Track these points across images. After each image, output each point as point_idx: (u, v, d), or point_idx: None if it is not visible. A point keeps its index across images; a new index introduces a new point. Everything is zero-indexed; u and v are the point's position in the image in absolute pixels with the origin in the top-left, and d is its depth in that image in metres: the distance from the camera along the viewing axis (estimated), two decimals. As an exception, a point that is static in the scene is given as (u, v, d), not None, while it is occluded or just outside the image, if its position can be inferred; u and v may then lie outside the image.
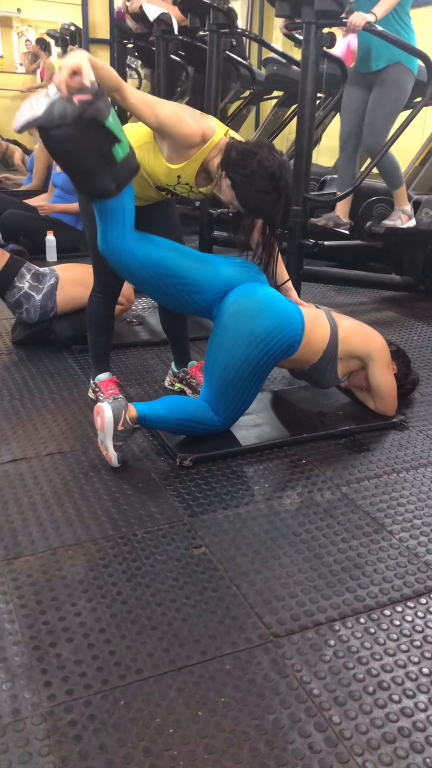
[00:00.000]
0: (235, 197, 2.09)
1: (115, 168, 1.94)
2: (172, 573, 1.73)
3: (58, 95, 1.80)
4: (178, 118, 2.06)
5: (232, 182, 2.07)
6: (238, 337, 2.18)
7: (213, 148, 2.13)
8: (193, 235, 4.53)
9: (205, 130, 2.11)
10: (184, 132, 2.07)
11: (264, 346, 2.19)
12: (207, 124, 2.13)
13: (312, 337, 2.33)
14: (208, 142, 2.12)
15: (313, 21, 3.13)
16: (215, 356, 2.23)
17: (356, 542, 1.88)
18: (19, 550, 1.80)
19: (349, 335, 2.43)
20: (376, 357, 2.46)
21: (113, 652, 1.48)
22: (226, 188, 2.11)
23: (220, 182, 2.12)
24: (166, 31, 4.52)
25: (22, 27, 12.44)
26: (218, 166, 2.11)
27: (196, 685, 1.40)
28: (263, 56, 7.27)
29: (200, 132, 2.09)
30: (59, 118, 1.78)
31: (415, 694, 1.41)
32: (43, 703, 1.35)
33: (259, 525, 1.94)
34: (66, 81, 1.78)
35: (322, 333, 2.37)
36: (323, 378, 2.48)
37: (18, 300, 3.13)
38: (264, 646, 1.51)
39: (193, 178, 2.20)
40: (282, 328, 2.21)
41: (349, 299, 4.21)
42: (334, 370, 2.44)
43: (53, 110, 1.78)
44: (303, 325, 2.28)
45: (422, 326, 3.71)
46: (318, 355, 2.37)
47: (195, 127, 2.08)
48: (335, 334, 2.39)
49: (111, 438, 2.11)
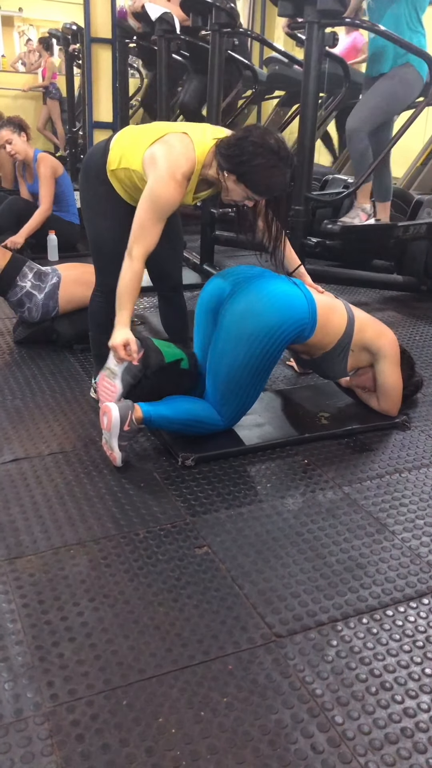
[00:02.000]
0: (246, 188, 2.07)
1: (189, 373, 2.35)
2: (175, 573, 1.73)
3: (120, 369, 2.19)
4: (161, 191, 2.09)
5: (236, 176, 2.06)
6: (240, 336, 2.18)
7: (203, 165, 2.14)
8: (194, 235, 4.54)
9: (185, 171, 2.11)
10: (178, 195, 2.12)
11: (267, 343, 2.18)
12: (186, 159, 2.10)
13: (328, 325, 2.33)
14: (194, 173, 2.13)
15: (315, 20, 3.14)
16: (218, 356, 2.23)
17: (358, 542, 1.88)
18: (22, 549, 1.79)
19: (364, 327, 2.43)
20: (388, 353, 2.46)
21: (115, 651, 1.48)
22: (233, 186, 2.09)
23: (225, 185, 2.11)
24: (168, 30, 4.52)
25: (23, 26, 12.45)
26: (216, 171, 2.10)
27: (198, 685, 1.40)
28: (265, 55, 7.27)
29: (182, 179, 2.10)
30: (134, 380, 2.21)
31: (418, 694, 1.41)
32: (45, 703, 1.35)
33: (262, 525, 1.94)
34: (124, 355, 2.13)
35: (338, 321, 2.37)
36: (332, 367, 2.47)
37: (20, 299, 3.13)
38: (266, 646, 1.51)
39: (191, 196, 2.23)
40: (284, 323, 2.20)
41: (351, 299, 4.20)
42: (344, 361, 2.43)
43: (127, 380, 2.20)
44: (312, 310, 2.26)
45: (424, 326, 3.70)
46: (332, 344, 2.37)
47: (178, 181, 2.09)
48: (351, 324, 2.39)
49: (116, 438, 2.11)
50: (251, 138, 2.02)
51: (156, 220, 2.13)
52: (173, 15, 4.47)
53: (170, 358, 2.26)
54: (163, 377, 2.25)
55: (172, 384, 2.31)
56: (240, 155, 2.02)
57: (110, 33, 4.96)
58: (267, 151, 2.01)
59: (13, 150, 4.42)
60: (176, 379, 2.31)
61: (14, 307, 3.21)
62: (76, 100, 7.26)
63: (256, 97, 5.56)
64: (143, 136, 2.19)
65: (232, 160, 2.04)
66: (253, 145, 2.01)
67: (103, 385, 2.23)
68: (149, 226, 2.13)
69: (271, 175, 2.05)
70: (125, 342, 2.12)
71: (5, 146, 4.42)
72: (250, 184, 2.06)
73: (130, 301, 2.17)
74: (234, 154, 2.03)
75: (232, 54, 4.27)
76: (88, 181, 2.38)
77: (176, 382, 2.32)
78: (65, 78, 7.35)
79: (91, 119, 5.06)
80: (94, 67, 5.01)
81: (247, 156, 2.01)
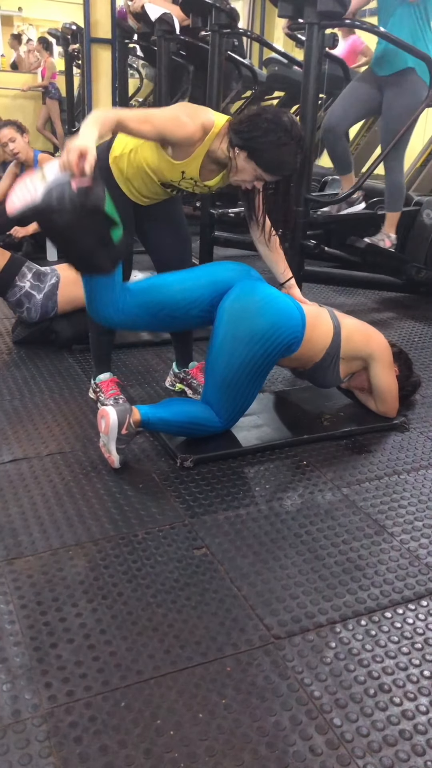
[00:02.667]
0: (256, 166, 2.06)
1: (112, 249, 1.95)
2: (173, 574, 1.73)
3: (55, 181, 1.79)
4: (175, 122, 2.06)
5: (248, 152, 2.05)
6: (237, 337, 2.18)
7: (215, 137, 2.12)
8: (194, 236, 4.52)
9: (205, 123, 2.09)
10: (184, 133, 2.07)
11: (263, 345, 2.18)
12: (206, 117, 2.11)
13: (314, 336, 2.33)
14: (209, 134, 2.11)
15: (315, 21, 3.13)
16: (215, 357, 2.22)
17: (357, 544, 1.88)
18: (20, 550, 1.79)
19: (352, 334, 2.43)
20: (379, 357, 2.46)
21: (114, 653, 1.47)
22: (243, 163, 2.08)
23: (235, 162, 2.09)
24: (167, 30, 4.51)
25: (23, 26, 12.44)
26: (228, 147, 2.09)
27: (196, 687, 1.40)
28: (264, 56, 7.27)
29: (200, 128, 2.08)
30: (58, 203, 1.77)
31: (417, 696, 1.41)
32: (43, 705, 1.35)
33: (260, 526, 1.94)
34: (74, 163, 1.77)
35: (324, 331, 2.37)
36: (325, 377, 2.47)
37: (19, 299, 3.13)
38: (265, 648, 1.51)
39: (197, 172, 2.19)
40: (280, 327, 2.20)
41: (349, 300, 4.21)
42: (337, 369, 2.43)
43: (52, 196, 1.77)
44: (303, 323, 2.28)
45: (423, 327, 3.70)
46: (320, 354, 2.37)
47: (193, 126, 2.07)
48: (338, 333, 2.39)
49: (114, 441, 2.11)
50: (265, 115, 2.03)
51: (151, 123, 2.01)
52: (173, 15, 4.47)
53: (110, 212, 1.90)
54: (85, 225, 1.85)
55: (88, 241, 1.91)
56: (252, 131, 2.02)
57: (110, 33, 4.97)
58: (279, 128, 2.01)
59: (15, 149, 4.42)
60: (95, 241, 1.92)
61: (13, 308, 3.21)
62: (75, 100, 7.27)
63: (255, 98, 5.56)
64: None
65: (243, 135, 2.04)
66: (267, 121, 2.01)
67: (24, 181, 1.85)
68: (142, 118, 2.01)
69: (283, 153, 2.04)
70: (84, 149, 1.77)
71: (7, 144, 4.41)
72: (260, 161, 2.05)
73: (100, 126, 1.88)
74: (246, 130, 2.03)
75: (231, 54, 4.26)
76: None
77: (93, 244, 1.93)
78: (65, 78, 7.35)
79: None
80: (93, 67, 5.02)
81: (259, 132, 2.01)
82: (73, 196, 1.77)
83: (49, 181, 1.77)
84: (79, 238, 1.88)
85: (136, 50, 6.51)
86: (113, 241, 1.94)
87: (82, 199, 1.78)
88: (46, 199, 1.77)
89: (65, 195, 1.77)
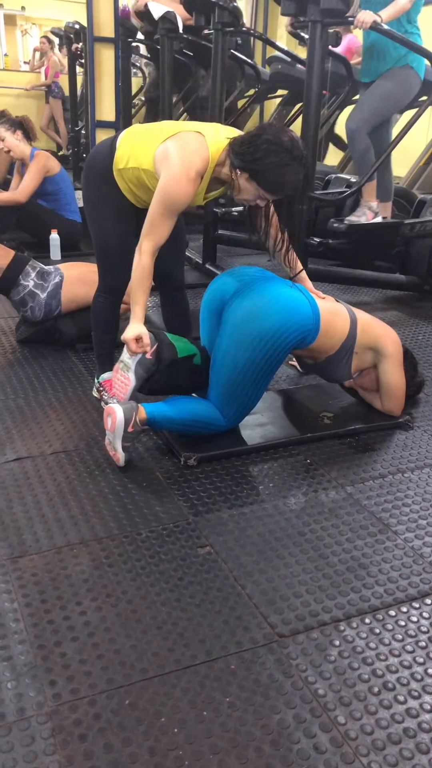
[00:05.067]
0: (258, 187, 2.07)
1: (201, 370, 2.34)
2: (177, 572, 1.73)
3: (133, 363, 2.19)
4: (174, 189, 2.09)
5: (249, 174, 2.05)
6: (244, 337, 2.18)
7: (216, 163, 2.13)
8: (197, 234, 4.54)
9: (199, 168, 2.10)
10: (187, 193, 2.11)
11: (270, 345, 2.18)
12: (200, 157, 2.10)
13: (332, 329, 2.33)
14: (208, 167, 2.12)
15: (318, 19, 3.13)
16: (222, 357, 2.22)
17: (361, 542, 1.88)
18: (24, 548, 1.80)
19: (368, 328, 2.43)
20: (391, 353, 2.45)
21: (118, 651, 1.48)
22: (245, 184, 2.08)
23: (237, 183, 2.10)
24: (170, 29, 4.52)
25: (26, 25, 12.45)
26: (230, 170, 2.09)
27: (200, 685, 1.40)
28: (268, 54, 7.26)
29: (195, 176, 2.10)
30: (147, 374, 2.21)
31: (421, 695, 1.41)
32: (48, 702, 1.35)
33: (264, 525, 1.94)
34: (137, 349, 2.16)
35: (342, 325, 2.37)
36: (336, 371, 2.47)
37: (23, 298, 3.13)
38: (269, 646, 1.51)
39: (201, 197, 2.23)
40: (287, 327, 2.20)
41: (353, 298, 4.20)
42: (349, 363, 2.43)
43: (140, 373, 2.20)
44: (316, 316, 2.27)
45: (427, 326, 3.70)
46: (336, 347, 2.37)
47: (191, 179, 2.09)
48: (354, 326, 2.39)
49: (120, 439, 2.11)
50: (265, 136, 2.02)
51: (167, 217, 2.14)
52: (176, 14, 4.47)
53: (183, 353, 2.27)
54: (176, 372, 2.26)
55: (184, 379, 2.32)
56: (253, 153, 2.02)
57: (113, 32, 4.96)
58: (280, 149, 2.00)
59: (6, 147, 4.42)
60: (188, 375, 2.32)
61: (17, 306, 3.21)
62: (78, 99, 7.26)
63: (258, 96, 5.55)
64: (154, 134, 2.19)
65: (244, 157, 2.04)
66: (267, 143, 2.01)
67: (117, 377, 2.24)
68: (160, 223, 2.14)
69: (284, 173, 2.04)
70: (137, 336, 2.15)
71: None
72: (262, 182, 2.06)
73: (142, 296, 2.20)
74: (247, 152, 2.03)
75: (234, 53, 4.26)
76: (92, 180, 2.37)
77: (189, 378, 2.33)
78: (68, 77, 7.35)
79: (93, 118, 5.07)
80: (96, 66, 5.01)
81: (260, 154, 2.01)
82: (153, 362, 2.21)
83: (131, 366, 2.20)
84: (178, 383, 2.33)
85: (140, 49, 6.51)
86: (198, 366, 2.33)
87: (160, 362, 2.22)
88: (138, 378, 2.20)
89: (148, 366, 2.21)
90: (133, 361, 2.20)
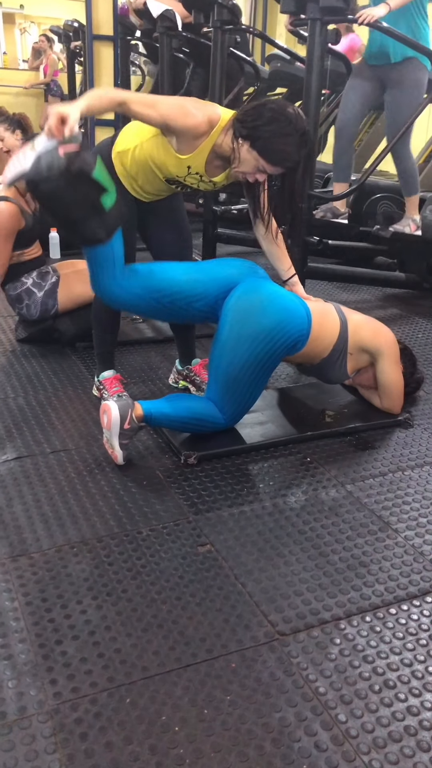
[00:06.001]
0: (258, 156, 2.05)
1: (104, 216, 1.96)
2: (178, 571, 1.73)
3: (44, 149, 1.82)
4: (182, 111, 2.06)
5: (250, 142, 2.04)
6: (242, 335, 2.18)
7: (221, 131, 2.12)
8: (197, 232, 4.53)
9: (211, 117, 2.09)
10: (190, 123, 2.06)
11: (268, 343, 2.18)
12: (212, 111, 2.11)
13: (321, 332, 2.33)
14: (216, 128, 2.11)
15: (318, 17, 3.13)
16: (220, 354, 2.22)
17: (361, 540, 1.88)
18: (25, 547, 1.80)
19: (359, 329, 2.43)
20: (386, 352, 2.45)
21: (119, 650, 1.48)
22: (246, 154, 2.07)
23: (238, 153, 2.08)
24: (169, 27, 4.51)
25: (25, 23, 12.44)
26: (232, 139, 2.09)
27: (201, 684, 1.40)
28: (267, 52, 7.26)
29: (206, 120, 2.08)
30: (47, 170, 1.80)
31: (422, 692, 1.41)
32: (48, 701, 1.35)
33: (264, 523, 1.94)
34: (54, 127, 1.81)
35: (331, 327, 2.37)
36: (332, 373, 2.47)
37: (19, 294, 3.12)
38: (270, 645, 1.51)
39: (203, 167, 2.18)
40: (286, 325, 2.20)
41: (353, 296, 4.20)
42: (344, 365, 2.43)
43: (40, 163, 1.81)
44: (309, 320, 2.28)
45: (426, 324, 3.70)
46: (328, 350, 2.37)
47: (200, 117, 2.07)
48: (345, 328, 2.39)
49: (117, 437, 2.11)
50: (270, 105, 2.04)
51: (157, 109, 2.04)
52: (175, 12, 4.47)
53: (99, 177, 1.89)
54: (74, 190, 1.85)
55: (77, 206, 1.90)
56: (256, 119, 2.02)
57: (112, 30, 4.97)
58: (283, 118, 2.01)
59: (5, 148, 4.40)
60: (85, 206, 1.91)
61: (12, 302, 3.19)
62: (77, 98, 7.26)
63: (258, 94, 5.55)
64: None
65: (247, 124, 2.04)
66: (271, 111, 2.02)
67: (17, 154, 1.92)
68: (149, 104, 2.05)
69: (285, 143, 2.03)
70: (65, 115, 1.82)
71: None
72: (262, 150, 2.05)
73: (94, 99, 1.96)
74: (250, 119, 2.04)
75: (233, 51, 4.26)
76: None
77: (83, 210, 1.91)
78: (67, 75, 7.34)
79: (92, 117, 5.06)
80: (95, 64, 5.01)
81: (262, 120, 2.01)
82: (61, 162, 1.79)
83: (38, 150, 1.81)
84: (69, 205, 1.89)
85: (138, 47, 6.51)
86: (104, 208, 1.93)
87: (68, 164, 1.79)
88: (35, 167, 1.80)
89: (53, 162, 1.79)
90: (44, 146, 1.83)
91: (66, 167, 1.80)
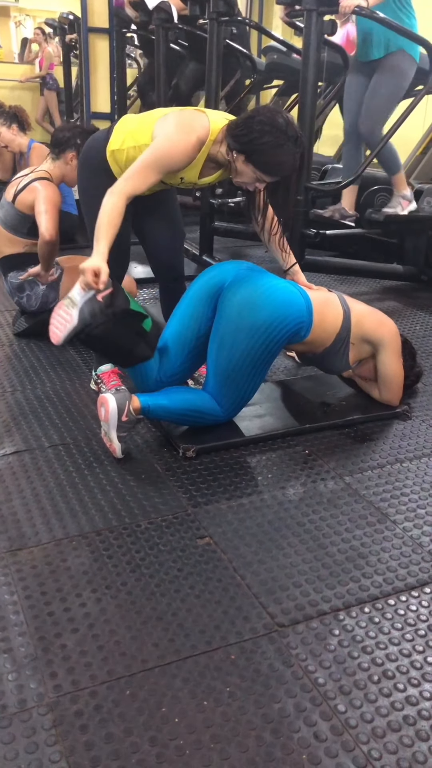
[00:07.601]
0: (255, 169, 2.06)
1: (147, 338, 2.16)
2: (177, 563, 1.73)
3: (81, 300, 1.99)
4: (172, 149, 2.07)
5: (245, 156, 2.04)
6: (240, 327, 2.17)
7: (213, 143, 2.12)
8: (194, 226, 4.52)
9: (200, 134, 2.09)
10: (181, 153, 2.08)
11: (266, 335, 2.18)
12: (201, 127, 2.10)
13: (324, 321, 2.32)
14: (206, 142, 2.11)
15: (313, 8, 3.11)
16: (218, 347, 2.22)
17: (360, 532, 1.88)
18: (24, 541, 1.80)
19: (362, 319, 2.42)
20: (388, 343, 2.45)
21: (118, 642, 1.48)
22: (242, 166, 2.07)
23: (234, 165, 2.09)
24: (165, 19, 4.48)
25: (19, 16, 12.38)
26: (227, 151, 2.09)
27: (201, 675, 1.41)
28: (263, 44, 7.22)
29: (195, 142, 2.08)
30: (91, 318, 1.99)
31: (420, 683, 1.41)
32: (48, 694, 1.35)
33: (263, 515, 1.94)
34: (91, 282, 1.96)
35: (334, 316, 2.36)
36: (334, 362, 2.47)
37: (21, 284, 3.12)
38: (269, 636, 1.52)
39: (196, 177, 2.20)
40: (283, 318, 2.20)
41: (351, 289, 4.20)
42: (346, 354, 2.43)
43: (85, 314, 1.99)
44: (309, 310, 2.27)
45: (425, 316, 3.69)
46: (331, 339, 2.37)
47: (189, 141, 2.07)
48: (348, 318, 2.38)
49: (115, 429, 2.11)
50: (259, 117, 2.02)
51: (153, 170, 2.08)
52: (170, 4, 4.44)
53: (136, 308, 2.12)
54: (120, 327, 2.06)
55: (126, 338, 2.12)
56: (248, 134, 2.01)
57: (107, 23, 4.95)
58: (275, 129, 2.00)
59: (2, 143, 4.39)
60: (132, 336, 2.13)
61: (13, 292, 3.18)
62: (73, 91, 7.22)
63: (254, 86, 5.52)
64: (152, 116, 2.18)
65: (240, 139, 2.03)
66: (261, 123, 2.00)
67: (59, 312, 2.05)
68: (144, 173, 2.08)
69: (279, 154, 2.03)
70: (96, 269, 1.97)
71: None
72: (258, 163, 2.05)
73: (110, 231, 2.05)
74: (242, 134, 2.02)
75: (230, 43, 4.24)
76: (89, 170, 2.36)
77: (131, 339, 2.13)
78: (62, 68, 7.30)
79: (89, 110, 5.05)
80: (91, 57, 4.99)
81: (254, 135, 2.00)
82: (102, 307, 1.99)
83: (78, 303, 1.99)
84: (119, 340, 2.11)
85: (134, 39, 6.47)
86: (146, 331, 2.14)
87: (110, 307, 2.00)
88: (81, 319, 1.99)
89: (95, 309, 1.99)
90: (82, 298, 2.00)
91: (111, 311, 2.01)
